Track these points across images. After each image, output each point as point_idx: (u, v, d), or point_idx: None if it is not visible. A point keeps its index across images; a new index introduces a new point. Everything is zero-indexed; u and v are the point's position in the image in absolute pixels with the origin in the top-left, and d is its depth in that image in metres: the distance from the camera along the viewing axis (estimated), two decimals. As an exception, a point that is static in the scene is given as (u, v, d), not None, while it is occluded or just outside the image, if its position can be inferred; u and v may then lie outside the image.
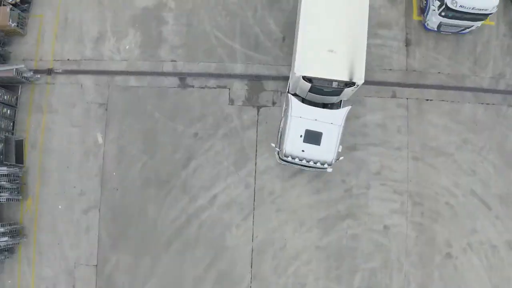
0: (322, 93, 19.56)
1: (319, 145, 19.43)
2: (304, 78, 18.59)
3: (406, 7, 24.15)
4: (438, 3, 21.39)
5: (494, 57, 23.50)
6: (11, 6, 23.02)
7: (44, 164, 23.26)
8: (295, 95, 20.46)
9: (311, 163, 19.65)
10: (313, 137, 19.42)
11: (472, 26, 22.14)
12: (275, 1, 24.38)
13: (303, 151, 19.47)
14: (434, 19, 22.14)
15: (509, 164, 22.63)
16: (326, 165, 19.73)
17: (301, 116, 19.47)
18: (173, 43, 23.93)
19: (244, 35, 23.91)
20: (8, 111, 23.09)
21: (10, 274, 22.71)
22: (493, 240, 22.12)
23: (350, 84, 18.63)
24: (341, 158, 20.16)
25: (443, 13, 21.40)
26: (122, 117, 23.48)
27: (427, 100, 23.04)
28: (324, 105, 20.72)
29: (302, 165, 20.15)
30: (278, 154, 20.77)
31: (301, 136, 19.45)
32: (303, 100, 20.52)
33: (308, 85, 18.88)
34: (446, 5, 20.95)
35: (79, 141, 23.37)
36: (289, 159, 19.82)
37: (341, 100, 20.66)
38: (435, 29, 22.86)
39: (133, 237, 22.63)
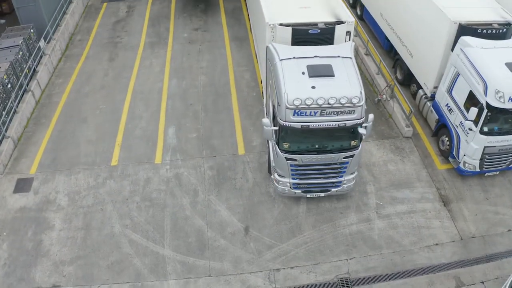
0: (308, 40, 14.77)
1: (334, 76, 13.14)
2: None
3: (422, 156, 17.01)
4: (474, 111, 14.05)
5: None
6: None
7: None
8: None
9: (332, 103, 12.51)
10: (321, 69, 13.28)
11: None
12: (225, 178, 16.19)
13: (313, 87, 12.80)
14: (473, 150, 14.93)
15: None
16: (355, 111, 12.73)
17: (294, 57, 13.78)
18: (59, 257, 13.94)
19: (178, 233, 14.54)
20: None
21: None
22: None
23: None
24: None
25: (486, 126, 14.36)
26: None
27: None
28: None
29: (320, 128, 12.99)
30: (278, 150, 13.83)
31: (303, 73, 13.22)
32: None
33: (289, 31, 14.81)
34: (487, 104, 13.78)
35: None
36: (295, 118, 12.82)
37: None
38: (476, 170, 15.48)
39: None
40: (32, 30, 20.83)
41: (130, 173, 16.55)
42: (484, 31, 15.09)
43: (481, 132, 14.32)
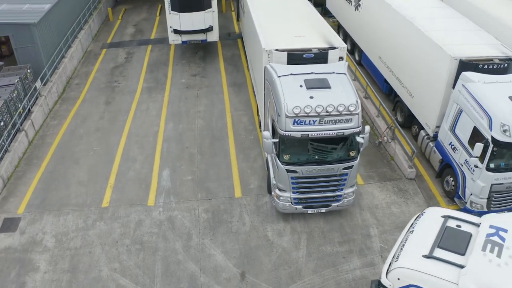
0: (303, 61, 15.67)
1: (330, 87, 13.95)
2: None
3: (426, 197, 16.40)
4: (479, 147, 13.58)
5: None
6: None
7: None
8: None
9: (330, 111, 13.09)
10: (318, 82, 14.13)
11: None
12: (221, 221, 15.42)
13: (311, 97, 13.50)
14: (480, 188, 14.22)
15: None
16: (352, 120, 13.32)
17: (291, 73, 14.66)
18: (42, 303, 13.00)
19: (170, 278, 13.52)
20: None
21: None
22: None
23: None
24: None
25: (492, 163, 13.86)
26: None
27: None
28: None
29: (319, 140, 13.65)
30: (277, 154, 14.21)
31: (301, 86, 14.05)
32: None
33: (284, 56, 15.74)
34: (493, 139, 13.33)
35: None
36: (295, 127, 13.32)
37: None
38: (484, 210, 14.63)
39: None
40: (29, 71, 20.77)
41: (121, 215, 15.81)
42: (486, 66, 14.86)
43: (488, 168, 13.76)
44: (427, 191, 16.53)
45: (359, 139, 13.64)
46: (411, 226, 10.49)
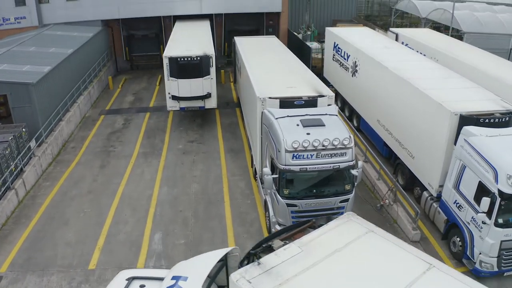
0: (294, 107, 16.70)
1: (325, 125, 15.21)
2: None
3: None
4: (486, 202, 13.06)
5: None
6: None
7: None
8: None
9: (326, 145, 14.31)
10: (313, 121, 15.39)
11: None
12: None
13: (308, 133, 14.65)
14: (489, 246, 13.48)
15: None
16: (347, 154, 14.55)
17: (288, 115, 15.89)
18: None
19: None
20: None
21: None
22: None
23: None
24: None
25: (501, 218, 13.19)
26: None
27: None
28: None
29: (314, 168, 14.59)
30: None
31: (297, 125, 15.26)
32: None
33: (277, 102, 16.87)
34: (500, 192, 12.82)
35: None
36: (294, 162, 14.42)
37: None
38: (495, 270, 13.85)
39: None
40: (24, 129, 20.51)
41: (108, 278, 14.72)
42: (487, 120, 14.68)
43: (496, 224, 13.09)
44: (434, 253, 15.57)
45: (354, 172, 14.77)
46: None
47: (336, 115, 16.10)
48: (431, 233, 16.84)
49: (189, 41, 28.39)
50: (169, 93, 25.41)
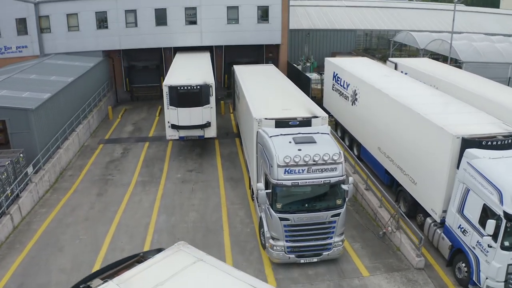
0: (288, 126, 17.39)
1: (316, 142, 15.82)
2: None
3: (437, 286, 15.10)
4: (491, 224, 12.79)
5: None
6: None
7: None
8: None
9: (316, 160, 14.94)
10: (305, 138, 16.06)
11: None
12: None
13: (299, 150, 15.31)
14: (496, 270, 13.14)
15: None
16: (337, 169, 15.13)
17: (281, 133, 16.53)
18: None
19: None
20: None
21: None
22: None
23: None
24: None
25: (507, 240, 12.90)
26: None
27: None
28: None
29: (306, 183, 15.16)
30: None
31: (290, 142, 15.90)
32: None
33: (272, 123, 17.46)
34: (505, 214, 12.59)
35: None
36: (286, 176, 15.02)
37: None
38: None
39: None
40: (21, 155, 20.36)
41: (103, 305, 14.32)
42: (489, 143, 14.56)
43: (502, 247, 12.78)
44: (439, 280, 15.22)
45: (344, 187, 15.37)
46: None
47: (328, 134, 16.78)
48: (436, 259, 16.44)
49: (189, 70, 28.65)
50: (168, 122, 25.36)
